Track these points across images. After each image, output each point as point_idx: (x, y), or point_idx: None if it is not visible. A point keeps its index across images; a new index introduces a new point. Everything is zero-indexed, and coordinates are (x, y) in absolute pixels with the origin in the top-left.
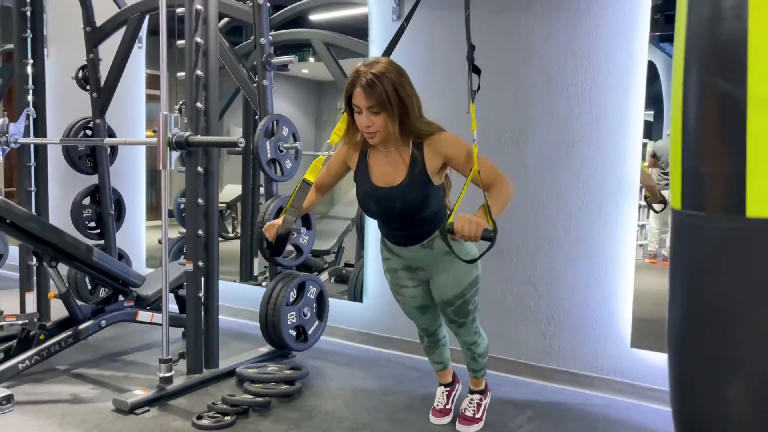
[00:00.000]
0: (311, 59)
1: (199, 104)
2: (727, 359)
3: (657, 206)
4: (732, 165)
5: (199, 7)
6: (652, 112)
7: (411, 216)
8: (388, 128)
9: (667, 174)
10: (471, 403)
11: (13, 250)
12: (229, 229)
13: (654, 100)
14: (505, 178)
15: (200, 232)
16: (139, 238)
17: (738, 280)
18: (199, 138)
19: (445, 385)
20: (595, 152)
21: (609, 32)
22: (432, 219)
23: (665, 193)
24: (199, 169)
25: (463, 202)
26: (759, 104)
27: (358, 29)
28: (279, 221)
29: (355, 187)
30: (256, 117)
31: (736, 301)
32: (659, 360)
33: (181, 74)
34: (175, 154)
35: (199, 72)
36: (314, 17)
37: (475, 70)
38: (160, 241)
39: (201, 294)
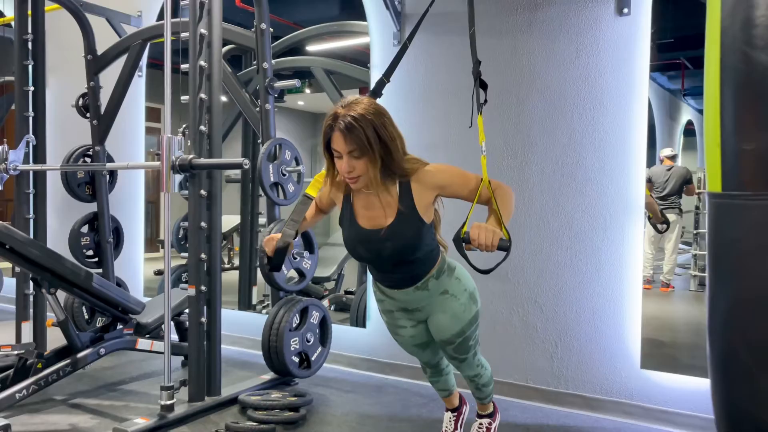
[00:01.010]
0: (307, 90)
1: (202, 127)
2: None
3: (660, 226)
4: None
5: (203, 31)
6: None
7: (403, 258)
8: (369, 172)
9: (663, 198)
10: (480, 428)
11: (8, 282)
12: (226, 260)
13: (647, 129)
14: (504, 185)
15: (203, 255)
16: (138, 268)
17: None
18: (203, 160)
19: (452, 410)
20: (599, 172)
21: (611, 53)
22: (425, 259)
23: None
24: (202, 192)
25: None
26: None
27: (354, 59)
28: (278, 236)
29: (342, 232)
30: (259, 141)
31: None
32: (670, 381)
33: (184, 98)
34: (178, 177)
35: (202, 95)
36: (312, 48)
37: (482, 84)
38: (156, 273)
39: (203, 319)
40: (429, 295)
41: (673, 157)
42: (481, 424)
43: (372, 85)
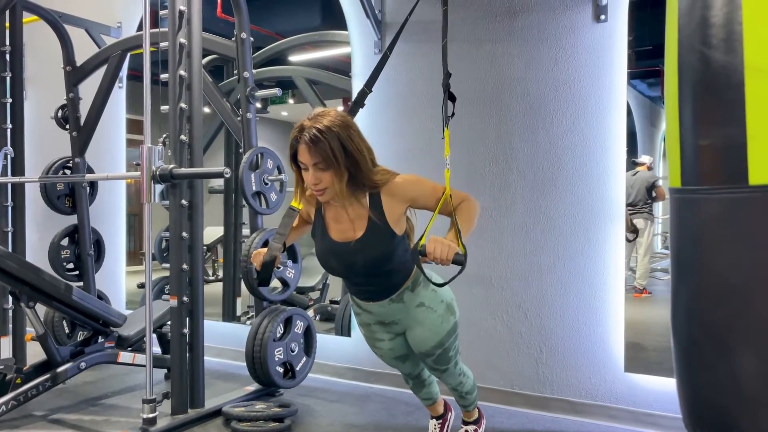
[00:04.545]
0: (291, 101)
1: (183, 137)
2: (739, 331)
3: (629, 235)
4: (732, 134)
5: (182, 40)
6: (626, 148)
7: (375, 270)
8: (335, 185)
9: (631, 205)
10: None
11: None
12: (210, 272)
13: (627, 136)
14: (471, 198)
15: (185, 266)
16: (120, 281)
17: (746, 249)
18: (183, 170)
19: (437, 418)
20: (579, 177)
21: (589, 59)
22: (398, 271)
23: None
24: (183, 202)
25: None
26: (756, 73)
27: (336, 69)
28: (265, 249)
29: (314, 245)
30: (240, 150)
31: (745, 271)
32: (654, 384)
33: (164, 107)
34: (159, 188)
35: (183, 105)
36: (294, 58)
37: (451, 97)
38: (139, 286)
39: (186, 330)
40: (405, 308)
41: (642, 163)
42: (466, 431)
43: (354, 95)
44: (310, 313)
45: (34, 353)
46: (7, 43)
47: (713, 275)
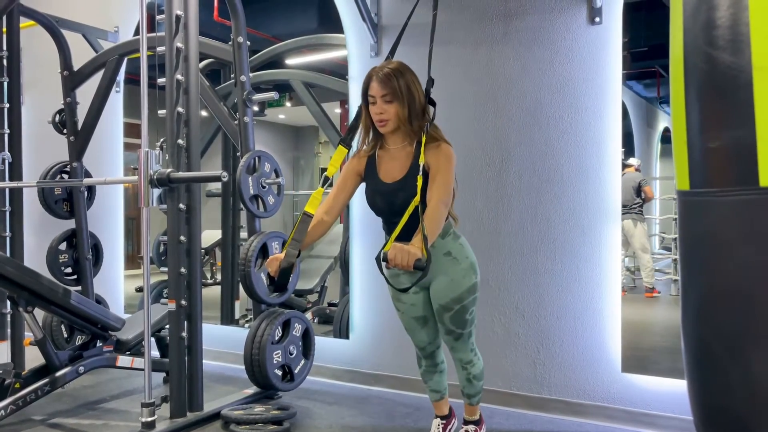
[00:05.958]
0: (288, 104)
1: (180, 141)
2: (751, 333)
3: None
4: (741, 135)
5: (179, 45)
6: (623, 149)
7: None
8: (398, 117)
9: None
10: None
11: None
12: (208, 275)
13: (624, 137)
14: (439, 207)
15: (183, 270)
16: (118, 285)
17: (757, 251)
18: (181, 174)
19: (441, 418)
20: (576, 178)
21: (584, 61)
22: None
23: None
24: (181, 205)
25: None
26: (765, 73)
27: (333, 72)
28: (281, 255)
29: (365, 188)
30: (237, 154)
31: (757, 273)
32: (652, 384)
33: (162, 111)
34: (157, 192)
35: (180, 109)
36: (291, 61)
37: (431, 102)
38: (137, 290)
39: (184, 334)
40: (433, 253)
41: (629, 165)
42: (467, 431)
43: (350, 97)
44: (309, 315)
45: (33, 358)
46: (5, 48)
47: (723, 277)
